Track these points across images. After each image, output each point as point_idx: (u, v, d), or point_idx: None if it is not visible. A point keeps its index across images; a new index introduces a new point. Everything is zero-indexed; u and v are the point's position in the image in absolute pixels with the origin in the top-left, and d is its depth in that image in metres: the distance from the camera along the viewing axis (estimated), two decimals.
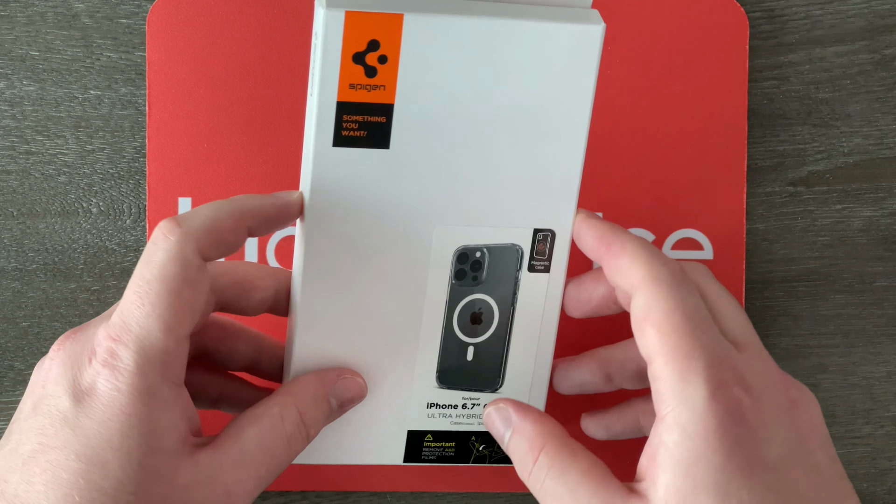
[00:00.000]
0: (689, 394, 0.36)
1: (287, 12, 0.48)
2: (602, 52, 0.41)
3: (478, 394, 0.45)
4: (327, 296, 0.43)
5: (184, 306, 0.37)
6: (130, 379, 0.36)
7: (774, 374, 0.39)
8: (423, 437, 0.45)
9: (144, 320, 0.37)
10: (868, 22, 0.51)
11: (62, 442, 0.36)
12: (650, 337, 0.37)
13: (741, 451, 0.35)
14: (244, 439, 0.39)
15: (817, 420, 0.39)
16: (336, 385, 0.42)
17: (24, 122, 0.49)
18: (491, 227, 0.43)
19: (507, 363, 0.45)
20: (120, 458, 0.36)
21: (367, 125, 0.41)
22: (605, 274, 0.41)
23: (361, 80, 0.40)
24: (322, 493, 0.50)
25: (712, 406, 0.36)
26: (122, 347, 0.37)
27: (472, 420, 0.45)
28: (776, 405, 0.37)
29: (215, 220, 0.39)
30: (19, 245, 0.49)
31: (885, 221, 0.51)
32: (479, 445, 0.46)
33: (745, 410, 0.36)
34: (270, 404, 0.40)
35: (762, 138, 0.51)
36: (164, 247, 0.37)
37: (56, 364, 0.38)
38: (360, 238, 0.42)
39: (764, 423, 0.36)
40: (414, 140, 0.41)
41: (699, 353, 0.36)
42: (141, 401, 0.36)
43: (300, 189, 0.42)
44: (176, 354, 0.37)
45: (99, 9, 0.49)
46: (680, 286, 0.38)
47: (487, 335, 0.44)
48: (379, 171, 0.41)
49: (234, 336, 0.45)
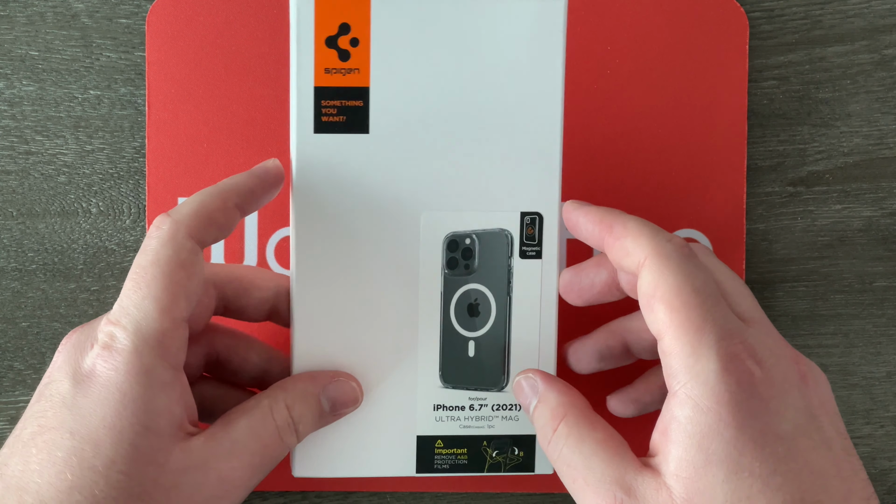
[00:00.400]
0: (700, 368, 0.36)
1: (286, 12, 0.48)
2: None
3: (484, 393, 0.45)
4: (321, 289, 0.43)
5: (178, 288, 0.38)
6: (127, 358, 0.37)
7: (785, 349, 0.39)
8: (434, 443, 0.45)
9: (141, 302, 0.38)
10: (868, 22, 0.51)
11: (59, 422, 0.37)
12: (659, 313, 0.37)
13: (753, 424, 0.35)
14: (235, 428, 0.39)
15: (827, 395, 0.39)
16: (328, 385, 0.43)
17: (24, 123, 0.49)
18: (477, 211, 0.43)
19: (510, 360, 0.45)
20: (112, 437, 0.36)
21: (346, 110, 0.42)
22: (609, 257, 0.40)
23: (336, 64, 0.41)
24: (322, 494, 0.50)
25: (724, 379, 0.36)
26: (119, 329, 0.38)
27: (482, 423, 0.45)
28: (787, 378, 0.37)
29: (201, 204, 0.40)
30: (19, 245, 0.49)
31: (884, 221, 0.51)
32: (492, 452, 0.45)
33: (756, 383, 0.36)
34: (260, 397, 0.41)
35: (762, 138, 0.51)
36: (156, 235, 0.39)
37: (61, 355, 0.39)
38: (349, 228, 0.43)
39: (776, 395, 0.36)
40: (392, 124, 0.42)
41: (710, 327, 0.36)
42: (136, 380, 0.37)
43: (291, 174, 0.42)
44: (173, 336, 0.38)
45: (98, 9, 0.49)
46: (687, 261, 0.38)
47: (487, 328, 0.44)
48: (361, 156, 0.42)
49: (246, 346, 0.46)
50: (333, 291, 0.43)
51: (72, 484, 0.36)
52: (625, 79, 0.49)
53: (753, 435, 0.35)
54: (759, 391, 0.36)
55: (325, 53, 0.41)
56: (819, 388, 0.39)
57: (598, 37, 0.49)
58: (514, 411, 0.45)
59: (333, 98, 0.42)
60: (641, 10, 0.49)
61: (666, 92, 0.49)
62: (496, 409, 0.45)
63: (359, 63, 0.42)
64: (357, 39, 0.41)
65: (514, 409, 0.45)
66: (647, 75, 0.49)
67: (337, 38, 0.41)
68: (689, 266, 0.38)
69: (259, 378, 0.46)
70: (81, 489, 0.36)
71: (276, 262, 0.49)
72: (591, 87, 0.49)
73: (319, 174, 0.42)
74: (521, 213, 0.43)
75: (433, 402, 0.44)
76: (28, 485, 0.36)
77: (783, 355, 0.38)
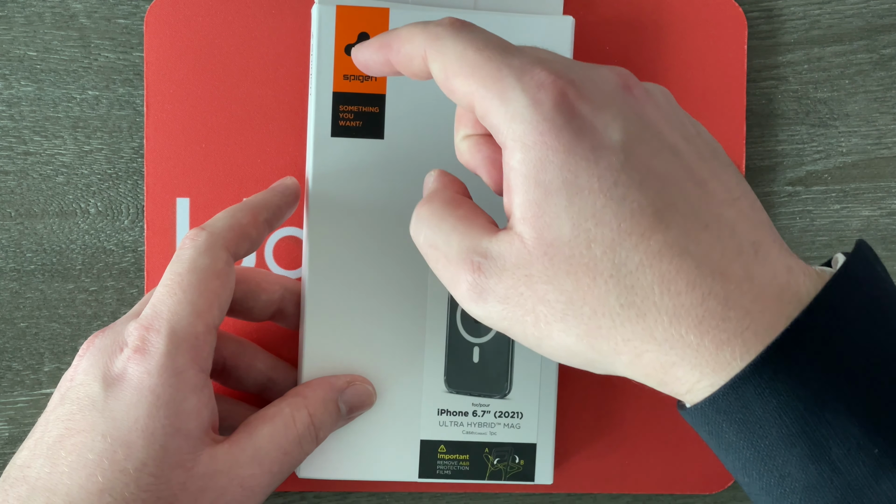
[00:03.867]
0: (512, 109, 0.33)
1: (284, 12, 0.48)
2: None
3: (487, 400, 0.45)
4: (333, 290, 0.44)
5: (213, 296, 0.39)
6: (160, 361, 0.38)
7: (600, 68, 0.36)
8: (437, 448, 0.45)
9: (176, 306, 0.38)
10: (866, 22, 0.51)
11: (89, 425, 0.37)
12: (458, 86, 0.35)
13: (581, 142, 0.33)
14: (258, 436, 0.40)
15: (664, 102, 0.36)
16: (346, 391, 0.44)
17: (22, 123, 0.49)
18: None
19: (513, 367, 0.45)
20: (145, 439, 0.37)
21: (363, 115, 0.44)
22: (405, 73, 0.37)
23: (355, 71, 0.43)
24: (321, 494, 0.50)
25: (538, 109, 0.33)
26: (153, 333, 0.38)
27: (485, 429, 0.45)
28: (606, 90, 0.34)
29: (235, 219, 0.41)
30: (17, 246, 0.49)
31: (883, 221, 0.51)
32: (493, 459, 0.46)
33: (572, 100, 0.33)
34: (282, 405, 0.42)
35: (760, 138, 0.51)
36: (192, 245, 0.40)
37: (84, 359, 0.39)
38: (361, 230, 0.44)
39: (597, 108, 0.34)
40: (406, 130, 0.44)
41: (506, 70, 0.34)
42: (169, 382, 0.37)
43: (306, 176, 0.44)
44: (205, 341, 0.39)
45: (97, 9, 0.49)
46: (460, 31, 0.35)
47: (491, 334, 0.45)
48: (375, 160, 0.44)
49: (252, 353, 0.46)
50: (345, 293, 0.44)
51: (102, 486, 0.36)
52: None
53: (584, 153, 0.33)
54: (577, 108, 0.33)
55: (345, 61, 0.43)
56: (652, 98, 0.36)
57: (598, 37, 0.49)
58: (516, 419, 0.45)
59: (351, 104, 0.44)
60: (640, 10, 0.49)
61: None
62: (498, 416, 0.45)
63: None
64: None
65: (517, 417, 0.45)
66: (645, 75, 0.49)
67: None
68: (463, 34, 0.35)
69: (263, 385, 0.46)
70: (112, 491, 0.36)
71: (276, 263, 0.49)
72: None
73: (334, 177, 0.44)
74: None
75: (437, 406, 0.45)
76: (57, 486, 0.36)
77: (598, 70, 0.36)
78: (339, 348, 0.44)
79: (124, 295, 0.49)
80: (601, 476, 0.49)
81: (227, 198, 0.48)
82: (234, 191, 0.48)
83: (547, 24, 0.44)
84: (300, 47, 0.48)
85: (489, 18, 0.43)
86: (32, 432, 0.39)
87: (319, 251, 0.44)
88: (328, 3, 0.43)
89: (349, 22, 0.43)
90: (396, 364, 0.44)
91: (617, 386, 0.49)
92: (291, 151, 0.48)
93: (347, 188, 0.44)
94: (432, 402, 0.45)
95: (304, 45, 0.48)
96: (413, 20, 0.43)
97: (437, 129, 0.44)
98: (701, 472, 0.50)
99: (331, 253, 0.44)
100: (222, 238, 0.41)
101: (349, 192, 0.44)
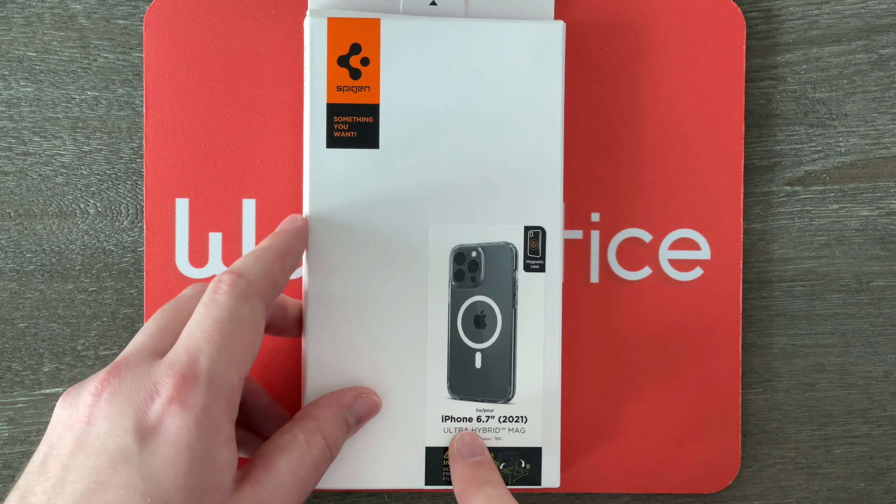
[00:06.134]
0: None
1: (283, 13, 0.48)
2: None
3: (491, 405, 0.45)
4: (333, 300, 0.44)
5: (250, 346, 0.39)
6: (199, 414, 0.37)
7: None
8: (442, 454, 0.45)
9: (216, 355, 0.37)
10: (865, 22, 0.51)
11: (124, 482, 0.36)
12: None
13: None
14: (277, 471, 0.40)
15: None
16: (353, 404, 0.44)
17: (22, 124, 0.49)
18: (483, 224, 0.44)
19: (515, 371, 0.45)
20: (182, 496, 0.36)
21: (357, 126, 0.44)
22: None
23: (347, 82, 0.44)
24: (320, 494, 0.50)
25: None
26: (191, 382, 0.37)
27: (489, 435, 0.45)
28: None
29: (268, 268, 0.41)
30: (17, 246, 0.49)
31: (882, 221, 0.51)
32: (499, 464, 0.46)
33: None
34: (296, 431, 0.41)
35: (759, 138, 0.51)
36: (231, 292, 0.39)
37: (104, 402, 0.37)
38: (359, 239, 0.44)
39: None
40: (401, 140, 0.44)
41: None
42: (206, 437, 0.37)
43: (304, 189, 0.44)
44: (237, 392, 0.38)
45: (96, 10, 0.49)
46: None
47: (493, 340, 0.45)
48: (371, 170, 0.44)
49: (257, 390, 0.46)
50: (345, 303, 0.44)
51: None
52: (622, 79, 0.49)
53: None
54: None
55: (338, 72, 0.44)
56: None
57: (596, 37, 0.49)
58: (520, 423, 0.45)
59: (345, 114, 0.44)
60: (638, 10, 0.49)
61: (663, 92, 0.49)
62: (503, 421, 0.45)
63: (369, 81, 0.44)
64: (367, 59, 0.44)
65: (521, 422, 0.45)
66: (643, 75, 0.49)
67: (348, 58, 0.44)
68: None
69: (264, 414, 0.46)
70: None
71: None
72: (588, 87, 0.49)
73: (331, 187, 0.44)
74: (525, 228, 0.44)
75: (442, 413, 0.45)
76: None
77: None
78: (341, 359, 0.44)
79: (123, 295, 0.49)
80: (601, 476, 0.49)
81: (227, 198, 0.48)
82: (234, 191, 0.48)
83: (538, 29, 0.44)
84: (299, 47, 0.48)
85: (479, 25, 0.44)
86: (42, 473, 0.37)
87: (319, 262, 0.44)
88: (319, 16, 0.44)
89: (341, 33, 0.44)
90: (399, 372, 0.45)
91: (617, 386, 0.49)
92: (290, 152, 0.48)
93: (345, 199, 0.44)
94: (436, 409, 0.45)
95: (302, 46, 0.48)
96: (404, 30, 0.44)
97: (432, 138, 0.44)
98: (701, 472, 0.50)
99: (331, 263, 0.44)
100: (260, 287, 0.40)
101: (347, 202, 0.44)
